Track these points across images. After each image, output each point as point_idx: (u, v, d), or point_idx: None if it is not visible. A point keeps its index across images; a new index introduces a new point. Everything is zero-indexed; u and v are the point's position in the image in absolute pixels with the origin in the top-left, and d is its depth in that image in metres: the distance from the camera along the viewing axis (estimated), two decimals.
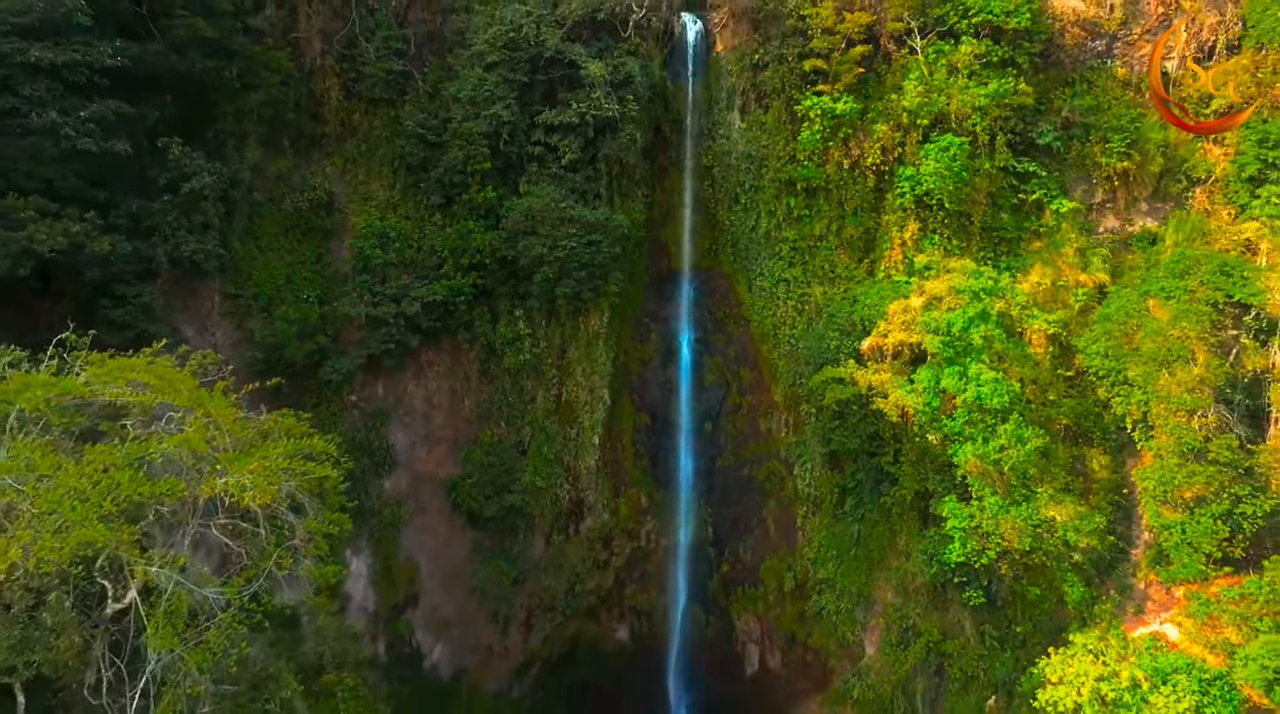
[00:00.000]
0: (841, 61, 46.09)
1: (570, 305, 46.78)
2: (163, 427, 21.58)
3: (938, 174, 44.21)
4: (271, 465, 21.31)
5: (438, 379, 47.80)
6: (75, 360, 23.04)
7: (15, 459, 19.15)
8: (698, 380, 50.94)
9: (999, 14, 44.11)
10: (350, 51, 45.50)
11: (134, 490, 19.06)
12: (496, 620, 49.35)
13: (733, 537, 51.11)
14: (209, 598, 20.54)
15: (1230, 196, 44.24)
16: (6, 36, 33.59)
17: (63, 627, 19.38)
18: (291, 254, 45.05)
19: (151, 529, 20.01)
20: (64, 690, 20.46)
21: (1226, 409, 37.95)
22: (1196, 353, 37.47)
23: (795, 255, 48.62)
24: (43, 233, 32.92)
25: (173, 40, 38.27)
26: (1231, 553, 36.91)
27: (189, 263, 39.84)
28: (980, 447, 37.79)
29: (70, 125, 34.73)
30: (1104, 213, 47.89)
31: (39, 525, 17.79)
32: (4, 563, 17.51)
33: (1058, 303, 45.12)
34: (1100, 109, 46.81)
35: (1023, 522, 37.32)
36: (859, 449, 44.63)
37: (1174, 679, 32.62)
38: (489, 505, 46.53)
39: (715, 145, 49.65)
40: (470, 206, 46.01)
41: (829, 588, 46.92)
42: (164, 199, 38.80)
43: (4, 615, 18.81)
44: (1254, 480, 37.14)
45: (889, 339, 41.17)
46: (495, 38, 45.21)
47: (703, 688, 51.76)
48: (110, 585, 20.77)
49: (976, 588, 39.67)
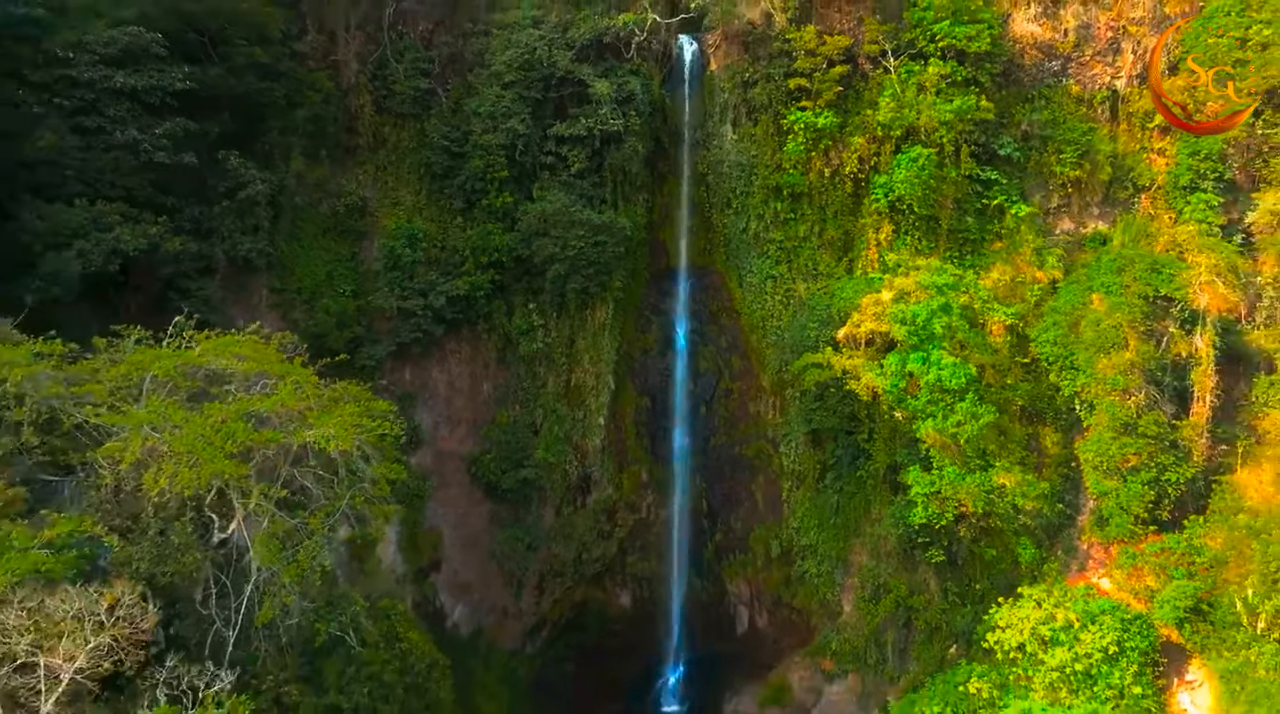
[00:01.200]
0: (823, 80, 51.19)
1: (579, 299, 52.00)
2: (259, 390, 26.86)
3: (908, 182, 49.40)
4: (347, 422, 26.57)
5: (459, 365, 53.01)
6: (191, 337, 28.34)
7: (154, 412, 24.36)
8: (693, 368, 56.19)
9: (962, 39, 49.27)
10: (382, 72, 50.74)
11: (246, 438, 24.29)
12: (511, 584, 54.52)
13: (725, 509, 56.38)
14: (297, 527, 25.80)
15: (1170, 202, 49.52)
16: (95, 65, 38.88)
17: (185, 547, 24.58)
18: (329, 253, 50.32)
19: (254, 470, 25.20)
20: (180, 601, 25.59)
21: (1156, 390, 43.21)
22: (1129, 340, 42.73)
23: (781, 254, 53.76)
24: (128, 235, 38.18)
25: (231, 65, 43.55)
26: (1159, 515, 42.25)
27: (243, 261, 45.18)
28: (940, 422, 43.04)
29: (147, 141, 40.08)
30: (1059, 216, 53.17)
31: (178, 462, 22.98)
32: (155, 489, 22.74)
33: (1016, 297, 50.38)
34: (1056, 123, 52.02)
35: (976, 488, 42.60)
36: (837, 428, 49.89)
37: (1101, 619, 37.92)
38: (506, 478, 51.79)
39: (709, 155, 54.82)
40: (489, 210, 51.25)
41: (811, 554, 52.13)
42: (222, 204, 44.05)
43: (144, 536, 23.98)
44: (1178, 452, 42.45)
45: (862, 329, 46.33)
46: (512, 59, 50.42)
47: (698, 647, 56.98)
48: (216, 518, 26.04)
49: (938, 547, 44.94)
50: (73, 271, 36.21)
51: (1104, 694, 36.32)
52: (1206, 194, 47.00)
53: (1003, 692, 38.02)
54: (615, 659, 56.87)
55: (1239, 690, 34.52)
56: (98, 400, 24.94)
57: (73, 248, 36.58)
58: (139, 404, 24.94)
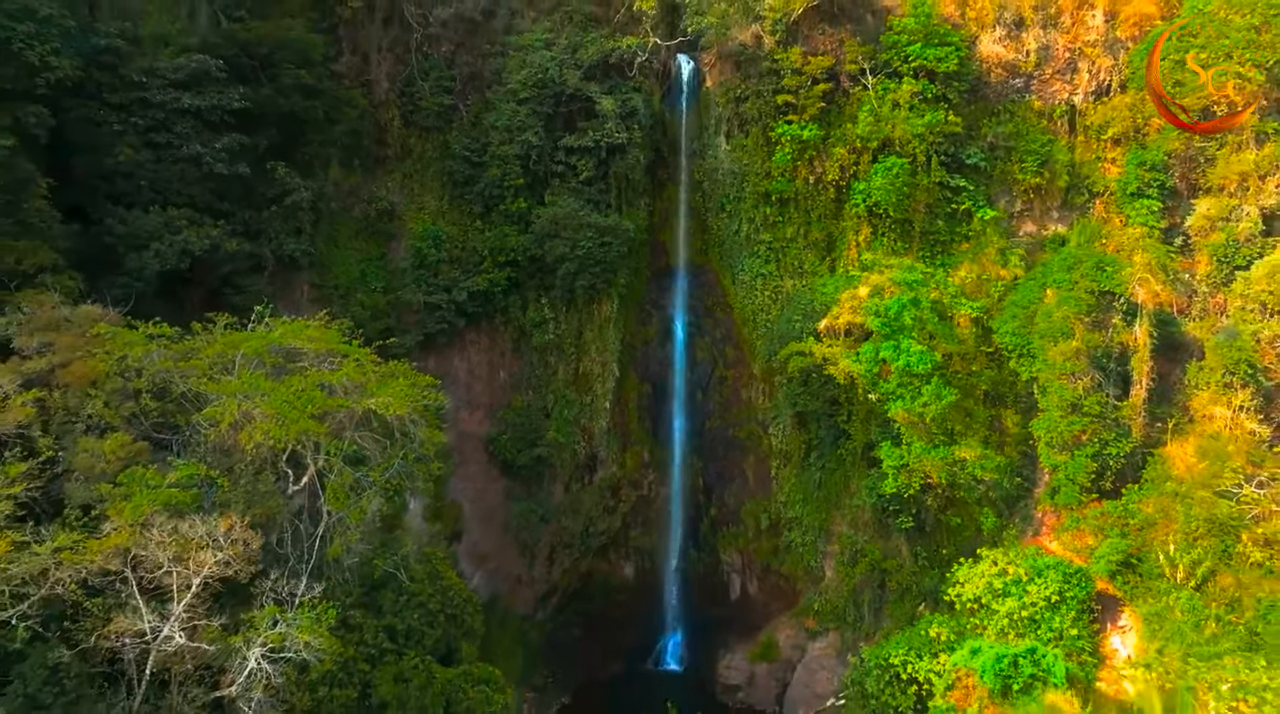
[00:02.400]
0: (807, 96, 56.60)
1: (586, 295, 57.43)
2: (327, 366, 32.25)
3: (885, 189, 54.88)
4: (399, 393, 31.95)
5: (479, 354, 58.47)
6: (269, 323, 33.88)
7: (245, 382, 29.73)
8: (691, 357, 61.68)
9: (932, 60, 54.71)
10: (409, 89, 56.19)
11: (322, 403, 29.67)
12: (525, 554, 59.93)
13: (719, 486, 61.88)
14: (359, 480, 31.24)
15: (1120, 207, 54.99)
16: (165, 88, 44.33)
17: (269, 494, 29.99)
18: (362, 253, 55.79)
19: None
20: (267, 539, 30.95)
21: (1101, 374, 48.64)
22: (1076, 330, 48.12)
23: (770, 254, 59.18)
24: (194, 237, 43.64)
25: (279, 85, 48.86)
26: (1101, 485, 47.68)
27: (288, 259, 50.59)
28: (908, 403, 48.49)
29: (208, 154, 45.47)
30: (1022, 219, 58.64)
31: (269, 421, 28.33)
32: (250, 444, 28.16)
33: (981, 293, 55.88)
34: (1019, 135, 57.47)
35: (940, 461, 48.06)
36: (820, 411, 55.33)
37: (1046, 573, 43.36)
38: (520, 456, 57.25)
39: (705, 164, 60.24)
40: (506, 214, 56.71)
41: (796, 525, 57.60)
42: (270, 209, 49.44)
43: (237, 485, 29.37)
44: (1119, 429, 47.89)
45: (840, 321, 51.73)
46: (526, 78, 55.85)
47: (695, 612, 62.48)
48: (291, 472, 31.49)
49: (907, 515, 50.41)
50: (151, 269, 41.72)
51: (1045, 636, 41.76)
52: (1150, 200, 52.44)
53: (959, 636, 43.42)
54: (619, 624, 62.32)
55: (1158, 630, 39.87)
56: (199, 373, 30.33)
57: (150, 249, 42.06)
58: (232, 376, 30.36)
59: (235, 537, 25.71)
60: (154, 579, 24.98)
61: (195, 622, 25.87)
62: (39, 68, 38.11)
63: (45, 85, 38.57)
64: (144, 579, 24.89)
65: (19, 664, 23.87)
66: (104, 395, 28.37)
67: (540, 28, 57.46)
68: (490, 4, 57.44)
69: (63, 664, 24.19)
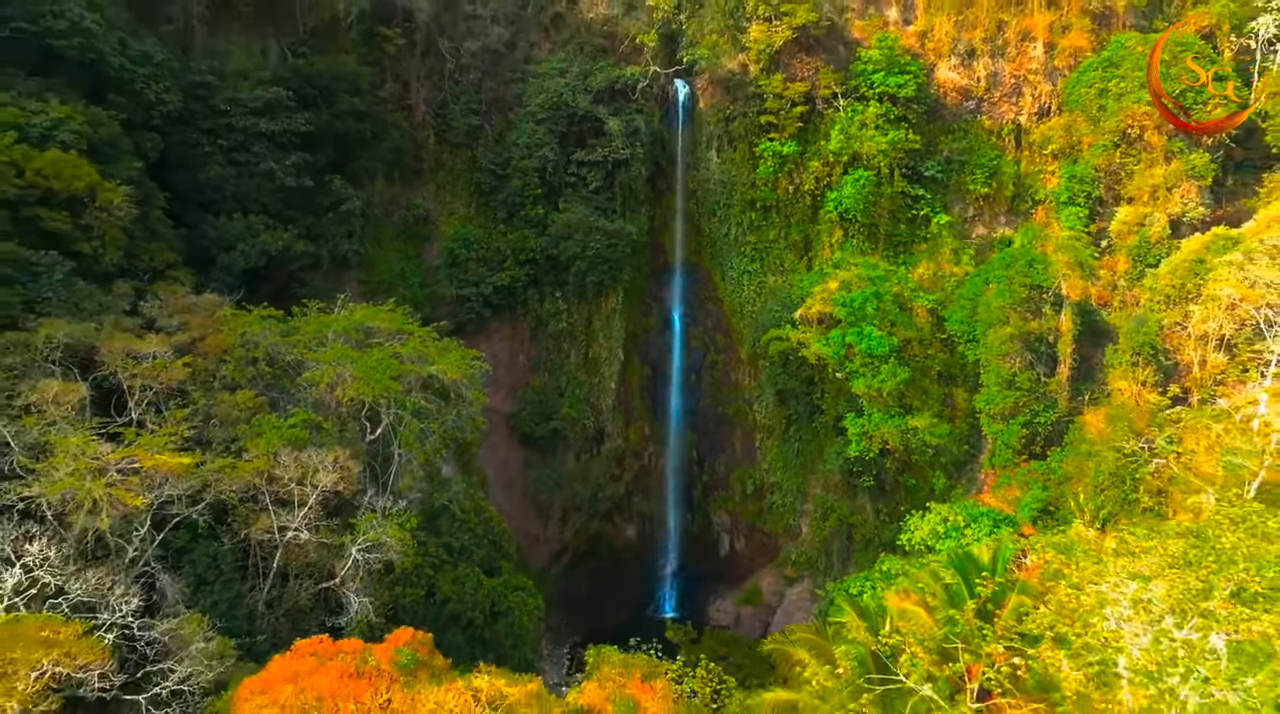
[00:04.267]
0: (787, 117, 65.35)
1: (595, 289, 66.20)
2: (397, 341, 40.96)
3: (854, 197, 63.65)
4: (454, 361, 40.60)
5: (501, 341, 67.18)
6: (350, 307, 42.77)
7: (336, 352, 38.35)
8: (686, 344, 70.47)
9: (893, 86, 63.43)
10: (442, 111, 64.96)
11: (396, 369, 38.33)
12: (541, 516, 68.71)
13: (710, 456, 70.67)
14: (423, 430, 39.95)
15: (1055, 213, 63.73)
16: (245, 115, 53.07)
17: (354, 439, 38.63)
18: (401, 253, 64.57)
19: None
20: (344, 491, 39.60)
21: (1033, 355, 57.39)
22: (1010, 318, 56.86)
23: (755, 254, 67.96)
24: (270, 239, 52.39)
25: (335, 111, 57.62)
26: (1032, 448, 56.42)
27: (341, 259, 59.34)
28: (869, 379, 57.25)
29: (279, 170, 54.22)
30: (974, 224, 67.46)
31: (358, 382, 36.94)
32: (345, 397, 36.84)
33: (937, 287, 64.64)
34: (971, 150, 66.28)
35: (895, 428, 56.82)
36: (797, 389, 64.05)
37: (980, 520, 51.96)
38: (538, 429, 66.04)
39: (698, 175, 69.03)
40: (525, 219, 65.50)
41: (778, 488, 66.38)
42: (327, 216, 58.20)
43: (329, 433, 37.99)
44: (1047, 401, 56.63)
45: (813, 310, 60.41)
46: (544, 101, 64.63)
47: (689, 567, 71.27)
48: (369, 424, 40.21)
49: (869, 476, 59.15)
50: (238, 266, 50.51)
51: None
52: (1078, 208, 61.19)
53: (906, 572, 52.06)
54: (623, 578, 71.08)
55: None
56: (301, 345, 38.95)
57: (237, 249, 50.86)
58: (326, 347, 38.98)
59: (341, 463, 34.31)
60: (284, 493, 33.56)
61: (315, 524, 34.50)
62: (155, 103, 46.91)
63: (159, 117, 47.37)
64: (276, 493, 33.46)
65: (189, 554, 32.47)
66: (232, 362, 36.95)
67: (555, 58, 66.29)
68: (512, 37, 66.25)
69: (220, 554, 32.81)
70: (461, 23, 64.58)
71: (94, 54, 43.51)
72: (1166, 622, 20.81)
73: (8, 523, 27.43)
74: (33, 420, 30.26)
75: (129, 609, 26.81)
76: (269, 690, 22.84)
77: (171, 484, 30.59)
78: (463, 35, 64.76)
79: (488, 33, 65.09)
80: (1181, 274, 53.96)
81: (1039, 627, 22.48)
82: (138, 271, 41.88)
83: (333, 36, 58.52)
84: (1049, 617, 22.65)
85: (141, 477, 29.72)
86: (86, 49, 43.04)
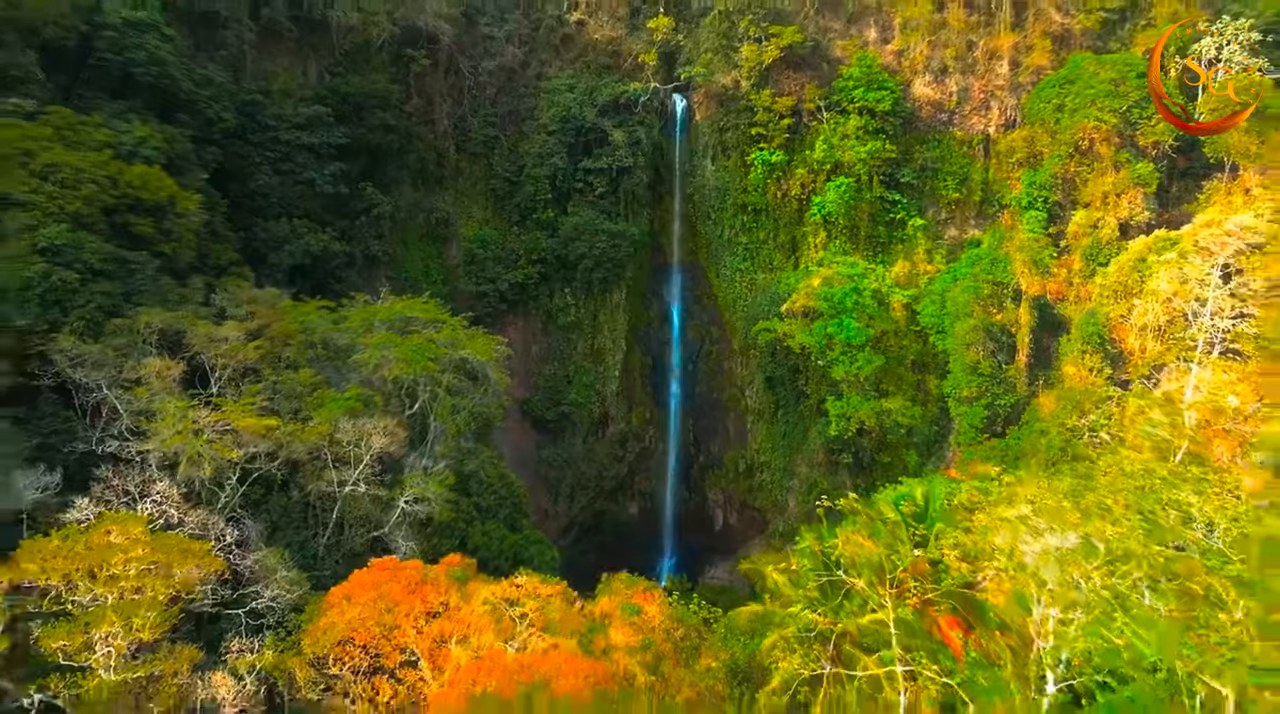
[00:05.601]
0: (775, 128, 71.80)
1: (600, 286, 72.69)
2: (433, 329, 47.48)
3: (836, 202, 70.11)
4: (482, 346, 47.07)
5: (515, 333, 73.58)
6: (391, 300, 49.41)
7: (382, 338, 44.83)
8: (683, 336, 76.96)
9: (871, 100, 69.85)
10: (462, 124, 71.50)
11: (434, 351, 44.89)
12: (550, 493, 75.16)
13: (706, 438, 77.16)
14: (455, 405, 46.41)
15: (1020, 217, 70.11)
16: (290, 129, 59.60)
17: (397, 413, 45.09)
18: (424, 253, 71.09)
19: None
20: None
21: (995, 345, 63.87)
22: (975, 311, 63.32)
23: (747, 253, 74.42)
24: (313, 241, 58.93)
25: (367, 125, 64.16)
26: (993, 428, 62.88)
27: (372, 258, 65.85)
28: (848, 366, 63.73)
29: (319, 178, 60.81)
30: (946, 226, 73.89)
31: (401, 363, 43.39)
32: (391, 374, 43.36)
33: (911, 283, 71.08)
34: (944, 159, 72.72)
35: (870, 409, 63.30)
36: (784, 376, 70.57)
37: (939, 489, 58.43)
38: (548, 413, 72.58)
39: (695, 181, 75.48)
40: (537, 222, 71.99)
41: (767, 467, 72.86)
42: (360, 219, 64.71)
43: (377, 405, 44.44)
44: (1006, 385, 63.11)
45: (798, 304, 66.85)
46: (554, 115, 71.11)
47: (686, 541, 77.68)
48: (408, 400, 46.69)
49: (848, 453, 65.63)
50: (285, 264, 57.05)
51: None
52: (1037, 212, 67.50)
53: None
54: (625, 551, 77.14)
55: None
56: (352, 332, 45.43)
57: (284, 249, 57.40)
58: (372, 334, 45.44)
59: (389, 429, 40.73)
60: (342, 454, 39.92)
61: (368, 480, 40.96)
62: (215, 120, 53.43)
63: (218, 133, 53.89)
64: (336, 453, 39.82)
65: (265, 504, 38.89)
66: (294, 345, 43.38)
67: (565, 75, 72.78)
68: (525, 56, 72.79)
69: (290, 505, 39.22)
70: (480, 44, 71.13)
71: (168, 79, 50.03)
72: (1044, 533, 27.31)
73: (132, 469, 33.98)
74: (143, 391, 36.73)
75: (230, 540, 33.28)
76: (353, 595, 29.30)
77: (255, 443, 37.07)
78: (480, 55, 71.30)
79: (503, 52, 71.60)
80: (1126, 272, 60.41)
81: (951, 544, 28.97)
82: (207, 268, 48.38)
83: (365, 58, 65.02)
84: (955, 534, 29.16)
85: (233, 436, 36.23)
86: (162, 75, 49.56)
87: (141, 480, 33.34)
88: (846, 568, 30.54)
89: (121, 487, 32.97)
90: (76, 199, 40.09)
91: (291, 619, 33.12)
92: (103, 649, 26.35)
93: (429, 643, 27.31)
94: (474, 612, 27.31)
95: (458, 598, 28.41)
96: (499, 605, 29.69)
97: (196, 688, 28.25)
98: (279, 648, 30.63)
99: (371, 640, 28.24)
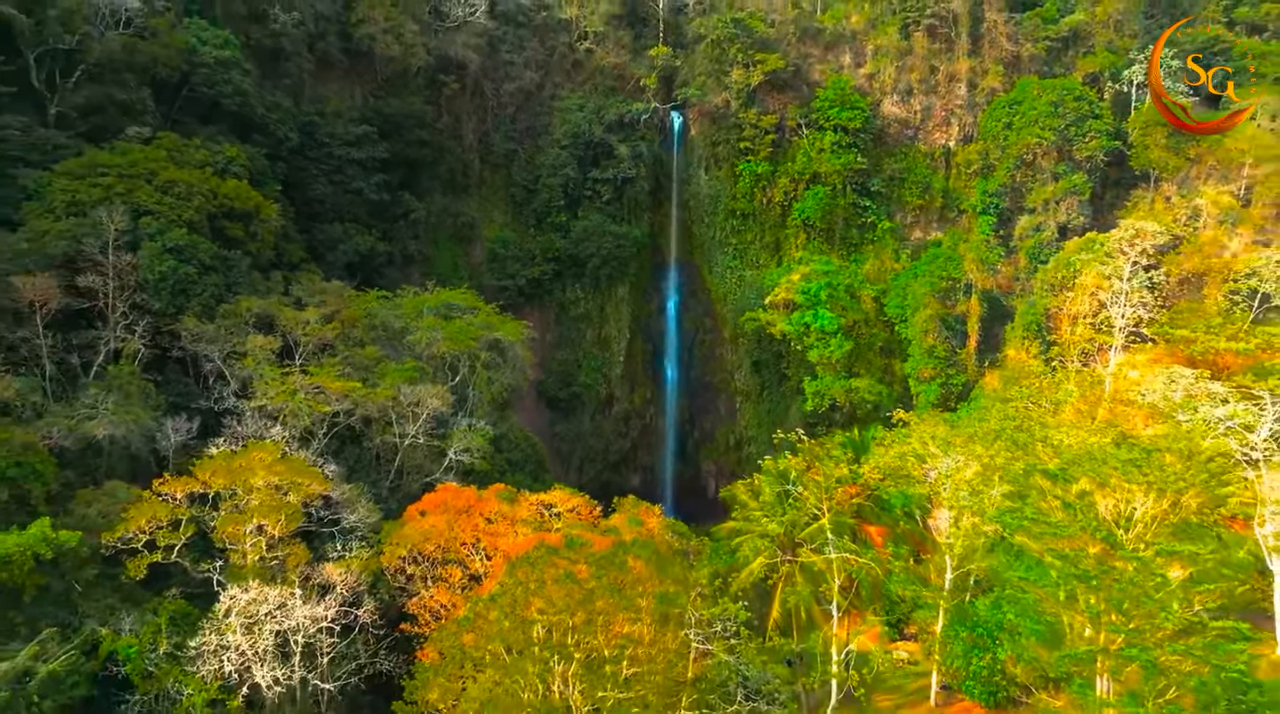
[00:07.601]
0: (761, 143, 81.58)
1: (607, 281, 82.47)
2: (470, 314, 57.30)
3: (814, 208, 79.94)
4: (512, 329, 56.88)
5: (532, 323, 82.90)
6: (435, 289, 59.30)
7: (431, 321, 54.50)
8: (680, 325, 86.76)
9: (845, 119, 79.67)
10: (485, 139, 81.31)
11: (474, 332, 54.61)
12: (562, 465, 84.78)
13: (700, 416, 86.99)
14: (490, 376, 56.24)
15: (975, 221, 79.99)
16: (341, 146, 69.41)
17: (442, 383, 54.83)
18: (451, 253, 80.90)
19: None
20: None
21: (949, 332, 73.71)
22: (931, 303, 73.16)
23: (736, 253, 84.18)
24: (362, 242, 68.71)
25: (405, 140, 73.94)
26: (947, 405, 72.67)
27: (409, 257, 75.61)
28: (822, 350, 73.58)
29: (366, 188, 70.55)
30: (912, 229, 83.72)
31: (448, 341, 53.08)
32: (439, 351, 53.12)
33: (880, 279, 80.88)
34: (909, 169, 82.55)
35: (841, 388, 73.14)
36: (768, 360, 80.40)
37: None
38: (561, 393, 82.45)
39: (690, 189, 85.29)
40: (551, 225, 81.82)
41: (753, 441, 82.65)
42: (399, 223, 74.48)
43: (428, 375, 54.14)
44: (959, 367, 72.94)
45: (780, 297, 76.63)
46: (566, 131, 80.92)
47: (682, 508, 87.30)
48: (449, 373, 56.54)
49: (824, 427, 75.38)
50: (340, 261, 66.84)
51: None
52: (989, 217, 77.45)
53: None
54: None
55: None
56: (405, 317, 55.30)
57: (338, 249, 67.22)
58: (422, 318, 55.28)
59: (440, 394, 50.50)
60: (403, 413, 49.68)
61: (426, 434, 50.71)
62: (282, 139, 63.26)
63: (285, 150, 63.72)
64: (399, 413, 49.59)
65: (342, 452, 48.65)
66: (361, 327, 53.24)
67: (576, 96, 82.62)
68: (541, 79, 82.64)
69: (363, 453, 49.04)
70: (501, 68, 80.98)
71: (247, 106, 59.83)
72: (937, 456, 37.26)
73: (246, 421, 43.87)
74: (250, 361, 46.58)
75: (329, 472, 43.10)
76: (427, 509, 39.11)
77: (339, 401, 46.92)
78: (502, 78, 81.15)
79: (522, 76, 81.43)
80: (1061, 269, 70.23)
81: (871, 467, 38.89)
82: (283, 265, 58.22)
83: (404, 83, 74.88)
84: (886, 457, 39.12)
85: (323, 395, 46.10)
86: (243, 103, 59.38)
87: (257, 427, 43.20)
88: (795, 484, 40.50)
89: (244, 434, 42.87)
90: (189, 208, 49.90)
91: (372, 537, 42.94)
92: (252, 540, 36.21)
93: (488, 537, 37.18)
94: (519, 514, 37.22)
95: (508, 508, 38.27)
96: (538, 506, 39.74)
97: (312, 574, 38.09)
98: (371, 552, 40.43)
99: (443, 541, 38.06)
